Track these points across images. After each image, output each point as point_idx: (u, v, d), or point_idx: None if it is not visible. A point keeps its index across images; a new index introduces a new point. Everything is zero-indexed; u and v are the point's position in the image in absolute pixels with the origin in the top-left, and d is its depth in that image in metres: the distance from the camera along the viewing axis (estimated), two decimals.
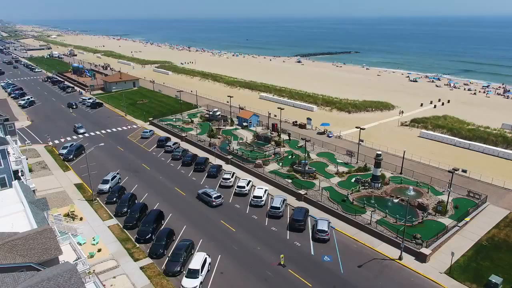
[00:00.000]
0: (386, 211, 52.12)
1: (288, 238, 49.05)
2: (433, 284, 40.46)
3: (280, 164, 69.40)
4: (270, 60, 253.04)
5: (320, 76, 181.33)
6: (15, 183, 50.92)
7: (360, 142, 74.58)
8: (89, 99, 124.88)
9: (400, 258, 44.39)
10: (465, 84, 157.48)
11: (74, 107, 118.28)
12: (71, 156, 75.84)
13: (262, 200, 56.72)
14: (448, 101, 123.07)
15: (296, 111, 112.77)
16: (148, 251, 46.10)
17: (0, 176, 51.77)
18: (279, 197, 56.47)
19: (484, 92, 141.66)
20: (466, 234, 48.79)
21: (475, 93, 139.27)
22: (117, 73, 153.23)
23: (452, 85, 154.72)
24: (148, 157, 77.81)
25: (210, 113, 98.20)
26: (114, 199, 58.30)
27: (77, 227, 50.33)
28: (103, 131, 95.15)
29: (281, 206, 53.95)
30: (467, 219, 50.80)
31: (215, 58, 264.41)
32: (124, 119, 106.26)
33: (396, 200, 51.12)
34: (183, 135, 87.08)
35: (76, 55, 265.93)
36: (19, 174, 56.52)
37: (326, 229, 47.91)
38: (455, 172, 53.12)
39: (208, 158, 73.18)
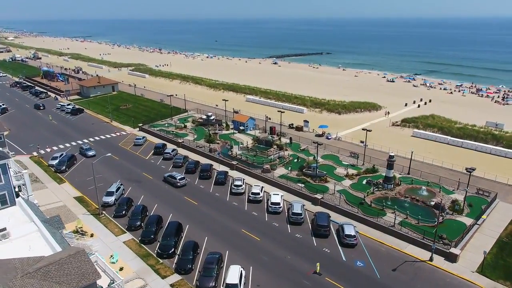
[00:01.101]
0: (407, 212, 52.51)
1: (315, 244, 48.21)
2: (469, 284, 41.00)
3: (289, 168, 68.49)
4: (246, 61, 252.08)
5: (300, 77, 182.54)
6: (20, 200, 46.86)
7: (363, 144, 75.19)
8: (68, 105, 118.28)
9: (431, 259, 44.73)
10: (439, 84, 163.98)
11: (42, 108, 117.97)
12: (64, 167, 71.10)
13: (281, 207, 55.59)
14: (430, 101, 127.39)
15: (286, 113, 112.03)
16: (174, 266, 43.69)
17: (0, 193, 47.27)
18: (297, 202, 55.57)
19: (459, 91, 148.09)
20: (485, 231, 50.07)
21: (451, 92, 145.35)
22: (95, 77, 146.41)
23: (428, 84, 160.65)
24: (147, 165, 74.45)
25: (204, 117, 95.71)
26: (124, 212, 55.10)
27: (91, 245, 46.91)
28: (91, 139, 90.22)
29: (302, 212, 53.08)
30: (484, 216, 52.21)
31: (189, 60, 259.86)
32: (110, 126, 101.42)
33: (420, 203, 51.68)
34: (180, 141, 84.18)
35: (40, 58, 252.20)
36: (16, 189, 52.06)
37: (354, 234, 47.54)
38: (471, 172, 54.33)
39: (212, 165, 71.03)
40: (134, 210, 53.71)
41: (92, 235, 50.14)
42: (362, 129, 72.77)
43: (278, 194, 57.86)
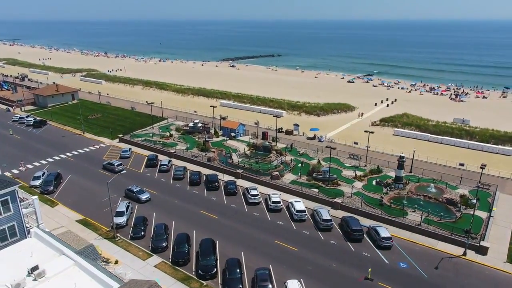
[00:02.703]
0: (429, 210, 54.72)
1: (353, 249, 48.35)
2: (506, 274, 43.67)
3: (299, 173, 68.11)
4: (202, 65, 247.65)
5: (263, 80, 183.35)
6: (36, 231, 41.17)
7: (357, 144, 77.21)
8: (27, 116, 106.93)
9: (464, 254, 47.01)
10: (395, 84, 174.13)
11: None
12: (52, 188, 63.96)
13: (306, 214, 55.04)
14: (395, 100, 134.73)
15: (265, 117, 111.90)
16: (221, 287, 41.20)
17: (9, 225, 41.16)
18: (322, 208, 55.41)
19: (415, 90, 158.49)
20: (499, 222, 53.77)
21: (410, 92, 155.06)
22: (52, 85, 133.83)
23: (385, 84, 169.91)
24: (144, 179, 69.66)
25: (191, 125, 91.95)
26: (142, 233, 50.92)
27: (125, 273, 42.59)
28: (69, 154, 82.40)
29: (331, 217, 53.05)
30: (494, 209, 56.13)
31: (141, 64, 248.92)
32: (85, 138, 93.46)
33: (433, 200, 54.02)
34: (172, 151, 79.99)
35: None
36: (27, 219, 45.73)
37: (390, 236, 48.47)
38: (483, 168, 57.99)
39: (217, 175, 68.41)
40: (157, 230, 49.81)
41: (116, 262, 45.58)
42: (365, 131, 74.72)
43: (299, 201, 57.24)
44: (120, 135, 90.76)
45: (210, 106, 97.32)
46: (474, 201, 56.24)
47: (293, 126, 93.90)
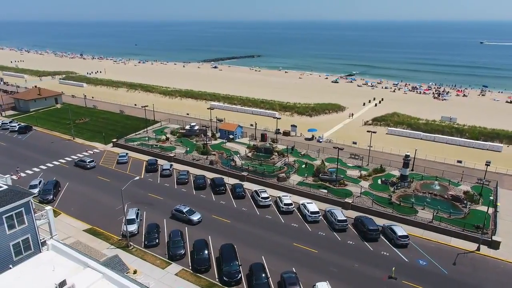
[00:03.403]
0: (438, 207, 56.00)
1: (371, 249, 48.81)
2: None
3: (305, 174, 68.20)
4: (184, 66, 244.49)
5: (248, 81, 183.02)
6: (53, 243, 39.20)
7: (356, 145, 78.18)
8: (10, 122, 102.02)
9: (478, 249, 48.40)
10: (378, 83, 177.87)
11: None
12: (51, 197, 61.20)
13: (320, 215, 55.16)
14: (382, 99, 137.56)
15: (258, 118, 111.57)
16: None
17: (23, 238, 38.98)
18: (335, 209, 55.73)
19: (399, 90, 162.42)
20: (504, 217, 55.65)
21: (394, 91, 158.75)
22: (33, 89, 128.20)
23: (369, 84, 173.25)
24: (147, 184, 67.81)
25: (187, 127, 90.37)
26: (157, 241, 49.53)
27: (148, 283, 41.19)
28: (62, 160, 79.18)
29: (346, 218, 53.42)
30: (498, 204, 58.13)
31: (121, 66, 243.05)
32: (76, 143, 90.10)
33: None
34: (171, 155, 78.34)
35: None
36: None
37: (407, 234, 49.27)
38: (488, 165, 59.82)
39: (223, 178, 67.52)
40: (173, 237, 48.53)
41: (135, 272, 44.04)
42: (367, 131, 75.69)
43: (311, 203, 57.33)
44: (114, 140, 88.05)
45: (208, 109, 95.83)
46: (479, 197, 58.14)
47: (290, 127, 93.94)
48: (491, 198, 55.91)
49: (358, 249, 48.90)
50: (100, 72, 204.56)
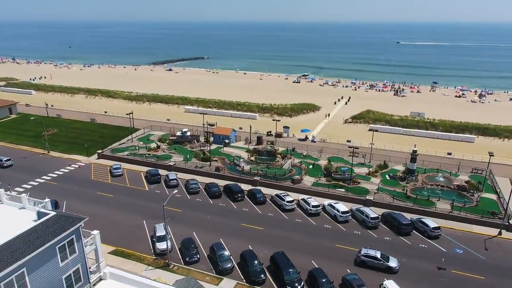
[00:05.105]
0: (453, 197, 59.79)
1: (409, 243, 50.69)
2: None
3: (319, 175, 68.74)
4: (135, 69, 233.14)
5: (210, 83, 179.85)
6: (110, 270, 35.29)
7: (350, 143, 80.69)
8: None
9: (500, 233, 52.58)
10: (337, 82, 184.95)
11: None
12: None
13: (350, 214, 56.03)
14: (350, 98, 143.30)
15: (238, 120, 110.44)
16: None
17: (74, 269, 34.53)
18: (362, 207, 56.99)
19: (359, 88, 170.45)
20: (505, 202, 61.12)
21: (355, 89, 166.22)
22: None
23: (330, 83, 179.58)
24: (156, 197, 63.58)
25: (179, 134, 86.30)
26: (198, 256, 46.76)
27: None
28: (46, 177, 71.24)
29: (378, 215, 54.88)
30: (498, 190, 63.62)
31: (65, 70, 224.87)
32: (53, 158, 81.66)
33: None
34: (171, 164, 74.35)
35: None
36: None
37: (438, 226, 51.93)
38: (492, 155, 64.92)
39: (238, 184, 65.63)
40: (218, 252, 46.07)
41: None
42: (369, 130, 78.37)
43: (338, 203, 58.01)
44: (99, 151, 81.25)
45: (200, 113, 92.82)
46: (482, 186, 63.13)
47: (282, 128, 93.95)
48: (494, 186, 61.03)
49: (397, 244, 50.45)
50: (45, 77, 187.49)
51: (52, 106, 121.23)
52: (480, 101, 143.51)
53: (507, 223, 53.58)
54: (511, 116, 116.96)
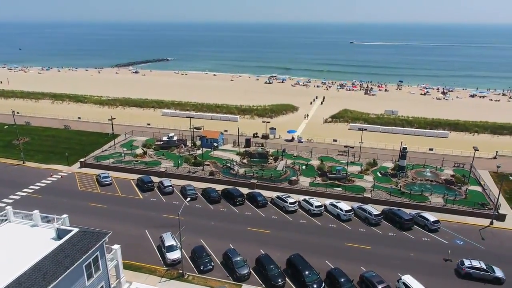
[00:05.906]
0: (444, 191, 62.83)
1: (413, 237, 52.62)
2: None
3: (315, 175, 69.53)
4: (99, 72, 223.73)
5: (181, 85, 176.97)
6: (137, 286, 33.70)
7: (336, 142, 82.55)
8: None
9: (491, 223, 55.98)
10: (308, 82, 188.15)
11: None
12: None
13: (353, 213, 57.21)
14: (324, 98, 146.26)
15: (219, 123, 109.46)
16: None
17: (99, 287, 32.61)
18: (363, 205, 58.43)
19: (330, 87, 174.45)
20: (489, 193, 65.12)
21: (327, 89, 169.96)
22: None
23: (301, 84, 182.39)
24: (153, 205, 61.47)
25: (165, 139, 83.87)
26: (212, 264, 45.74)
27: None
28: (28, 190, 66.55)
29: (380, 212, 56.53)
30: (482, 182, 67.68)
31: (21, 74, 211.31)
32: (30, 168, 76.54)
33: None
34: (162, 170, 72.16)
35: None
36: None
37: (438, 219, 54.37)
38: (476, 150, 68.78)
39: (237, 188, 64.92)
40: (233, 258, 45.30)
41: None
42: (358, 129, 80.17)
43: (340, 202, 59.04)
44: (81, 159, 77.18)
45: (187, 117, 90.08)
46: (467, 179, 66.90)
47: (269, 130, 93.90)
48: (477, 178, 64.90)
49: (402, 239, 52.20)
50: (1, 82, 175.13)
51: (18, 113, 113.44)
52: (444, 98, 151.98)
53: (497, 213, 57.12)
54: (475, 111, 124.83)
